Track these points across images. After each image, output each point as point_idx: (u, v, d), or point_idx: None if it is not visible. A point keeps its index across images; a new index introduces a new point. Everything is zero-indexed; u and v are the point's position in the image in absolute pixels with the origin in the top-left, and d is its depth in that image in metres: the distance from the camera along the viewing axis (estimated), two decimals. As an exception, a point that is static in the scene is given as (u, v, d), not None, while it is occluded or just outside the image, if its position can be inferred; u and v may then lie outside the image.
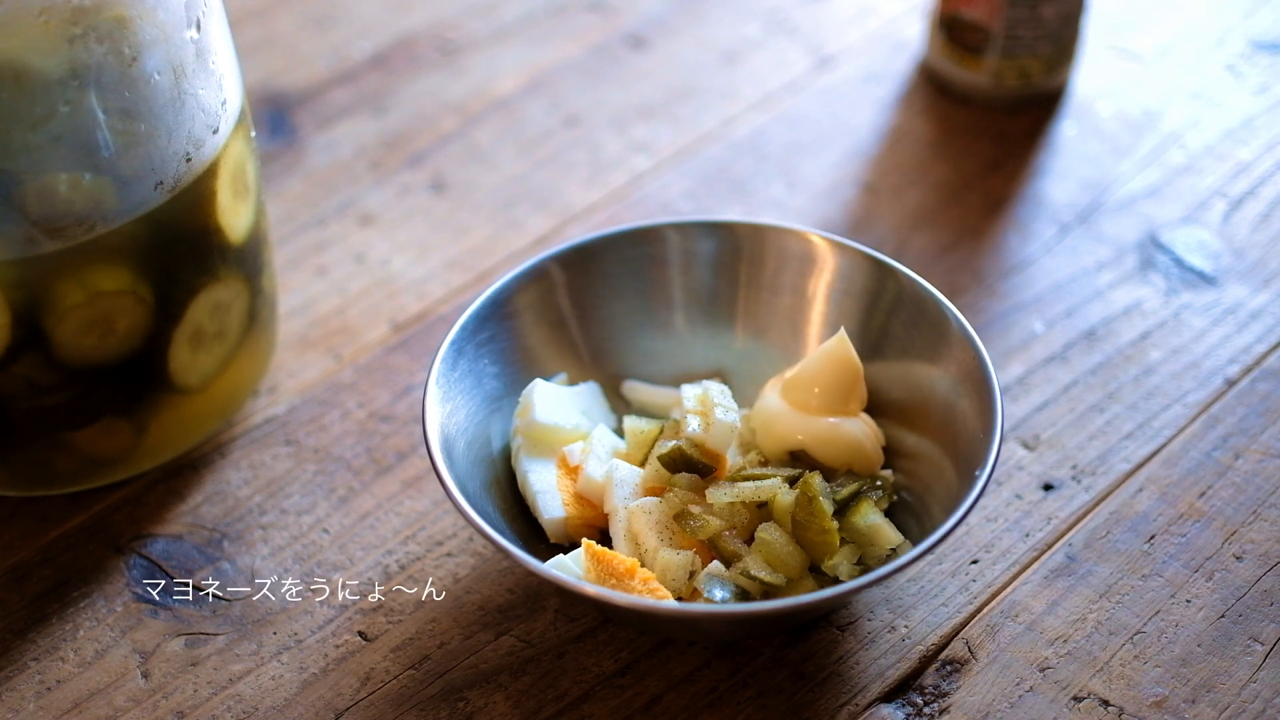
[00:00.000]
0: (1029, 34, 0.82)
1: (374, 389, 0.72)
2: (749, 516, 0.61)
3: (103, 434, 0.65)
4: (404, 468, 0.69)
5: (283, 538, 0.66)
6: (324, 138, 0.84)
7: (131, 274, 0.61)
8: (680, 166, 0.83)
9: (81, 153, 0.58)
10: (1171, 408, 0.70)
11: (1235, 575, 0.64)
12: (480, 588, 0.64)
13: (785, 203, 0.81)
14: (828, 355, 0.64)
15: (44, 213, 0.58)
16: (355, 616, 0.64)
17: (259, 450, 0.70)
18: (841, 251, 0.66)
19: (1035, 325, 0.74)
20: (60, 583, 0.65)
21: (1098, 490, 0.67)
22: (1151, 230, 0.79)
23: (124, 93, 0.58)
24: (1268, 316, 0.74)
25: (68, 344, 0.61)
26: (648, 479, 0.62)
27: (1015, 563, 0.65)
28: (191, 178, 0.61)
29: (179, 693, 0.61)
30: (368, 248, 0.79)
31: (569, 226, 0.80)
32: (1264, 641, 0.62)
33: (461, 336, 0.63)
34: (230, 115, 0.63)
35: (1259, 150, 0.82)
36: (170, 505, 0.68)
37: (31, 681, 0.62)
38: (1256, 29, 0.90)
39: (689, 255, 0.68)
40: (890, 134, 0.85)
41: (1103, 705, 0.60)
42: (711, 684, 0.61)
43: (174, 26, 0.59)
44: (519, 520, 0.63)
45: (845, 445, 0.63)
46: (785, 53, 0.89)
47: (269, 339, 0.71)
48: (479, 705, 0.60)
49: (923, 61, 0.88)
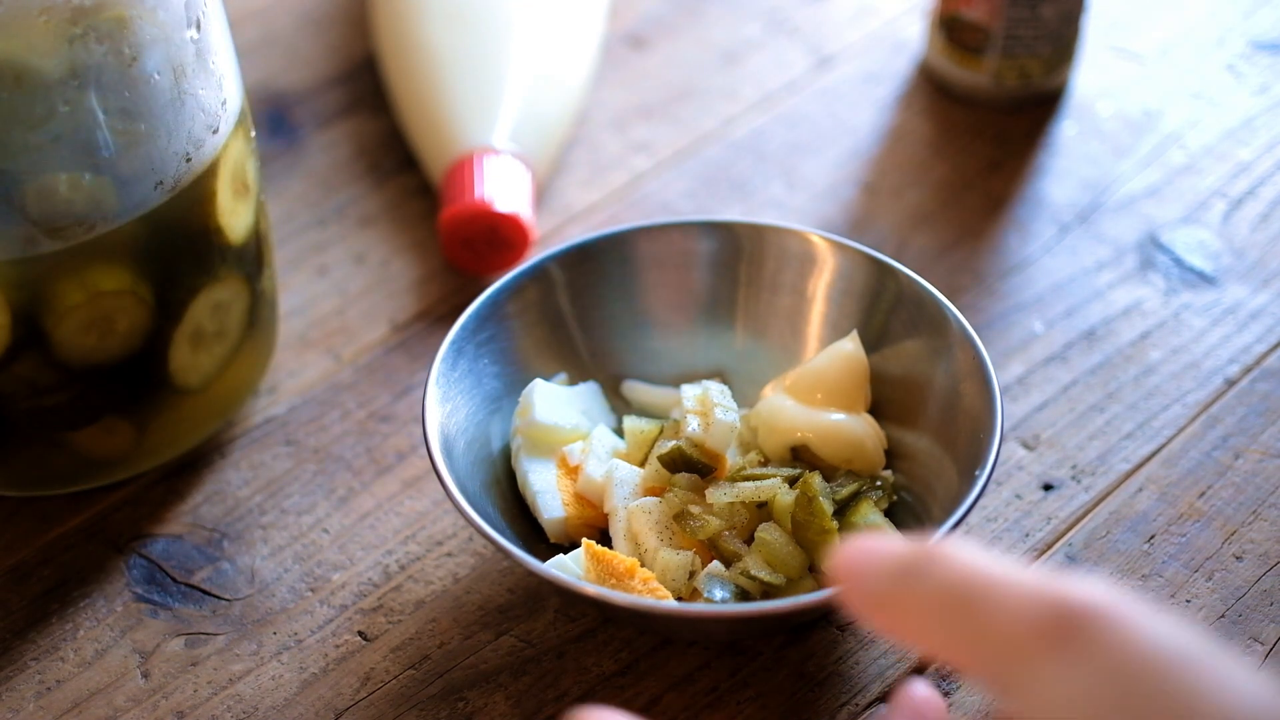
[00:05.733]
0: (1029, 34, 0.82)
1: (374, 389, 0.72)
2: (749, 516, 0.61)
3: (103, 434, 0.65)
4: (404, 468, 0.69)
5: (283, 538, 0.66)
6: (324, 138, 0.84)
7: (131, 274, 0.61)
8: (680, 166, 0.83)
9: (81, 153, 0.58)
10: (1171, 408, 0.70)
11: (1235, 575, 0.64)
12: (480, 588, 0.64)
13: (785, 203, 0.81)
14: (838, 354, 0.64)
15: (44, 213, 0.58)
16: (355, 616, 0.64)
17: (259, 450, 0.70)
18: (841, 251, 0.66)
19: (1035, 325, 0.74)
20: (60, 583, 0.65)
21: (1098, 490, 0.67)
22: (1151, 230, 0.79)
23: (124, 93, 0.58)
24: (1268, 316, 0.74)
25: (68, 344, 0.61)
26: (647, 479, 0.62)
27: (1015, 563, 0.65)
28: (191, 178, 0.61)
29: (179, 693, 0.61)
30: (368, 248, 0.79)
31: (569, 226, 0.80)
32: (1264, 641, 0.62)
33: (461, 336, 0.63)
34: (230, 115, 0.63)
35: (1259, 150, 0.82)
36: (170, 505, 0.68)
37: (31, 681, 0.62)
38: (1256, 29, 0.90)
39: (689, 255, 0.68)
40: (890, 134, 0.85)
41: (1103, 705, 0.60)
42: (712, 684, 0.61)
43: (174, 26, 0.59)
44: (519, 520, 0.63)
45: (848, 442, 0.63)
46: (785, 53, 0.90)
47: (269, 339, 0.71)
48: (479, 705, 0.60)
49: (923, 61, 0.88)
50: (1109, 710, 0.37)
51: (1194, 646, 0.37)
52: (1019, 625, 0.38)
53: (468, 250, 0.75)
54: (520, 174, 0.76)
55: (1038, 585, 0.39)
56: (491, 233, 0.74)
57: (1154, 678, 0.37)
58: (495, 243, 0.74)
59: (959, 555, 0.41)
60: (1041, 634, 0.38)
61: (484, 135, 0.77)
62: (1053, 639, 0.38)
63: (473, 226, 0.74)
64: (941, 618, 0.40)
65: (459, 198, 0.74)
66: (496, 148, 0.76)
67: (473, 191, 0.74)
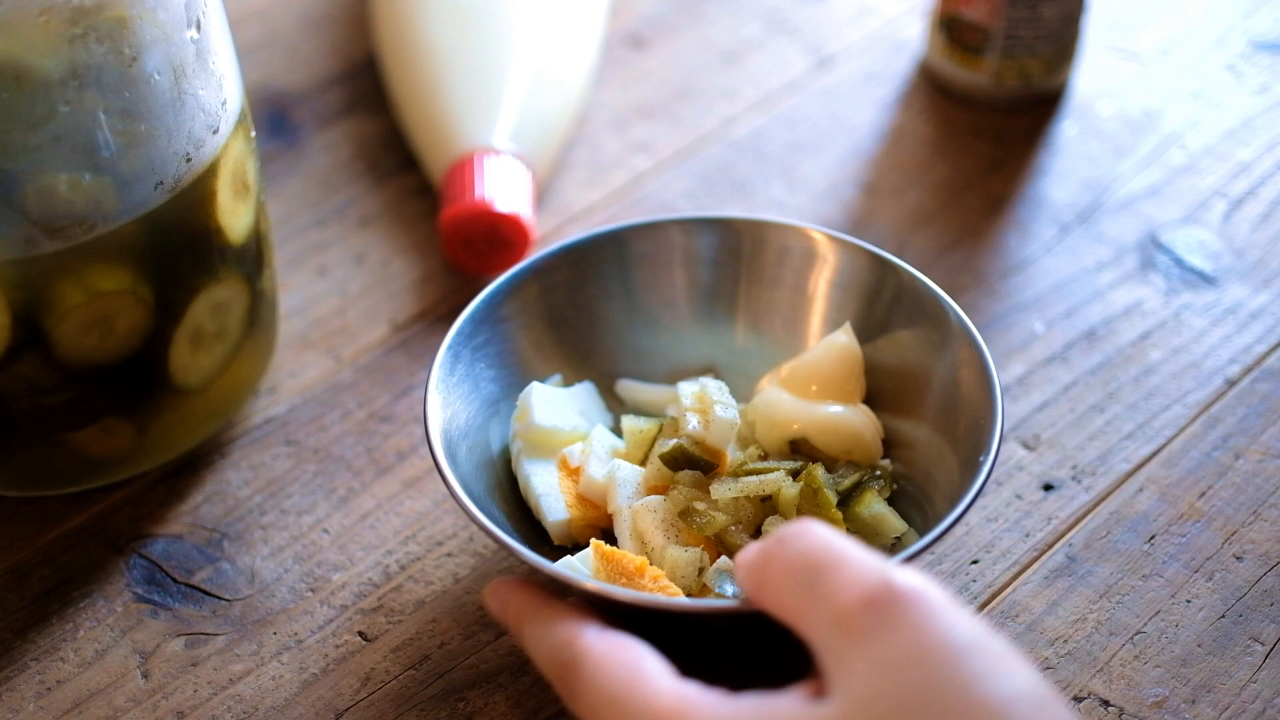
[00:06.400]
0: (1029, 34, 0.82)
1: (374, 389, 0.72)
2: (754, 510, 0.61)
3: (103, 434, 0.65)
4: (404, 468, 0.69)
5: (283, 538, 0.66)
6: (324, 138, 0.84)
7: (131, 274, 0.61)
8: (680, 166, 0.83)
9: (81, 153, 0.58)
10: (1172, 408, 0.70)
11: (1235, 575, 0.64)
12: (480, 588, 0.64)
13: (785, 203, 0.81)
14: (831, 346, 0.64)
15: (44, 213, 0.58)
16: (355, 616, 0.64)
17: (259, 450, 0.70)
18: (841, 247, 0.66)
19: (1035, 325, 0.74)
20: (60, 583, 0.65)
21: (1098, 490, 0.67)
22: (1151, 230, 0.79)
23: (124, 93, 0.58)
24: (1268, 316, 0.74)
25: (68, 344, 0.61)
26: (649, 478, 0.62)
27: (1015, 563, 0.65)
28: (191, 178, 0.61)
29: (179, 693, 0.61)
30: (368, 248, 0.79)
31: (569, 226, 0.80)
32: (1264, 642, 0.62)
33: (458, 342, 0.63)
34: (230, 115, 0.63)
35: (1259, 150, 0.82)
36: (170, 505, 0.68)
37: (31, 681, 0.62)
38: (1256, 29, 0.90)
39: (686, 252, 0.68)
40: (890, 134, 0.85)
41: (1103, 705, 0.60)
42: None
43: (174, 26, 0.59)
44: (522, 523, 0.63)
45: (846, 433, 0.63)
46: (785, 53, 0.90)
47: (269, 339, 0.71)
48: (479, 705, 0.60)
49: (923, 61, 0.88)
50: (906, 684, 0.44)
51: (983, 637, 0.45)
52: (850, 594, 0.46)
53: (468, 250, 0.75)
54: (520, 174, 0.76)
55: (873, 564, 0.47)
56: (492, 233, 0.74)
57: (946, 659, 0.44)
58: (495, 243, 0.74)
59: (814, 531, 0.49)
60: (866, 605, 0.46)
61: (484, 135, 0.77)
62: (874, 611, 0.45)
63: (473, 226, 0.74)
64: (794, 583, 0.48)
65: (459, 198, 0.74)
66: (496, 148, 0.76)
67: (473, 191, 0.74)
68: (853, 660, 0.45)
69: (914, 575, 0.46)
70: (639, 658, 0.51)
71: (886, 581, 0.46)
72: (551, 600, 0.55)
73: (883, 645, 0.45)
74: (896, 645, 0.45)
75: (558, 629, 0.53)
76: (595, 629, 0.53)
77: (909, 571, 0.46)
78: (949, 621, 0.45)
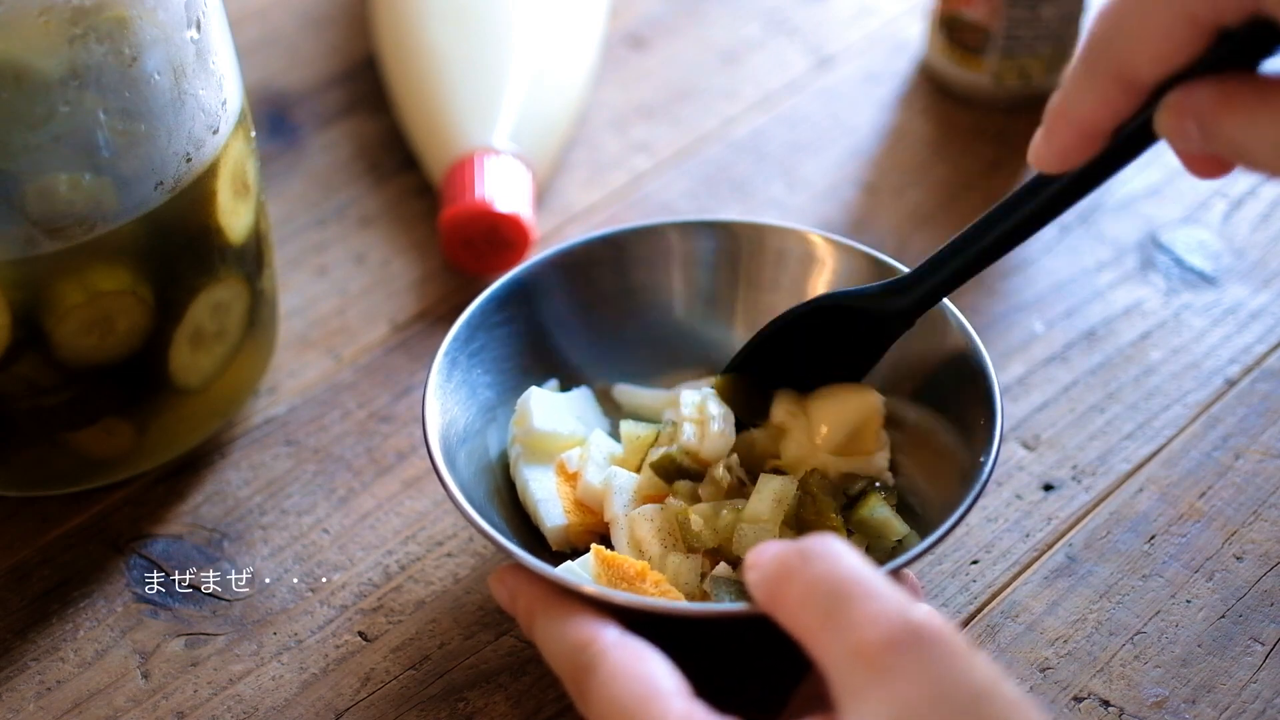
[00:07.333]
0: (1029, 34, 0.82)
1: (374, 389, 0.72)
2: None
3: (103, 434, 0.65)
4: (404, 468, 0.69)
5: (283, 538, 0.66)
6: (324, 138, 0.84)
7: (131, 274, 0.61)
8: (680, 166, 0.83)
9: (81, 153, 0.58)
10: (1172, 408, 0.70)
11: (1235, 575, 0.64)
12: (480, 588, 0.64)
13: (785, 203, 0.81)
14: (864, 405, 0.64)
15: (44, 213, 0.58)
16: (355, 616, 0.64)
17: (259, 450, 0.70)
18: (839, 250, 0.66)
19: (1035, 325, 0.74)
20: (60, 583, 0.65)
21: (1098, 490, 0.67)
22: (1151, 230, 0.79)
23: (124, 93, 0.58)
24: (1268, 316, 0.74)
25: (68, 344, 0.61)
26: (643, 487, 0.62)
27: (1015, 563, 0.65)
28: (191, 178, 0.61)
29: (179, 693, 0.61)
30: (368, 248, 0.79)
31: (569, 226, 0.80)
32: (1264, 642, 0.62)
33: (454, 347, 0.63)
34: (230, 115, 0.63)
35: (1259, 150, 0.82)
36: (170, 505, 0.68)
37: (31, 681, 0.62)
38: (1256, 29, 0.90)
39: (684, 255, 0.68)
40: (890, 134, 0.85)
41: (1103, 705, 0.60)
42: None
43: (174, 26, 0.59)
44: (520, 529, 0.63)
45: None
46: (785, 53, 0.90)
47: (269, 339, 0.71)
48: (479, 705, 0.60)
49: (923, 61, 0.88)
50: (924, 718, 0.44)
51: (1000, 684, 0.45)
52: (873, 631, 0.46)
53: (468, 250, 0.75)
54: (520, 174, 0.76)
55: (896, 601, 0.46)
56: (492, 233, 0.74)
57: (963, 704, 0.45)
58: (495, 243, 0.74)
59: (841, 555, 0.48)
60: (888, 644, 0.45)
61: (484, 135, 0.77)
62: (894, 650, 0.45)
63: (473, 226, 0.74)
64: (814, 605, 0.48)
65: (459, 198, 0.74)
66: (497, 148, 0.76)
67: (473, 191, 0.74)
68: (869, 697, 0.45)
69: (935, 616, 0.46)
70: (653, 672, 0.51)
71: (909, 621, 0.46)
72: (566, 596, 0.55)
73: (902, 686, 0.45)
74: (915, 687, 0.45)
75: (574, 628, 0.53)
76: (614, 632, 0.52)
77: (930, 611, 0.47)
78: (966, 665, 0.45)
